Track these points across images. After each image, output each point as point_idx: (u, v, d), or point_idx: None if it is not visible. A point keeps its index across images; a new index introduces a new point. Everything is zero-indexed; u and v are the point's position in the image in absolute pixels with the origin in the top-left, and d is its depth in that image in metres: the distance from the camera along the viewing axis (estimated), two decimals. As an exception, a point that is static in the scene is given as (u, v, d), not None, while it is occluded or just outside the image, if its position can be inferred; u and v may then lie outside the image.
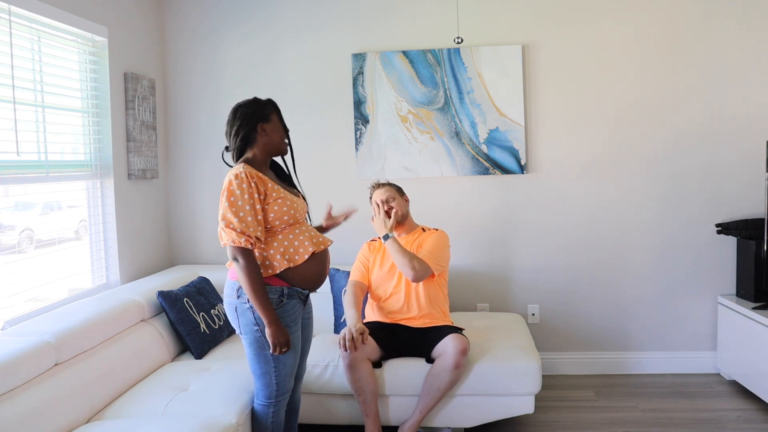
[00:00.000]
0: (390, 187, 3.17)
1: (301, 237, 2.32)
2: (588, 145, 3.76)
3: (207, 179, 3.97)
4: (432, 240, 3.08)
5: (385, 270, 3.09)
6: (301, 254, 2.30)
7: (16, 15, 2.69)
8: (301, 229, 2.34)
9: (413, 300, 3.03)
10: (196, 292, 3.27)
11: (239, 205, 2.18)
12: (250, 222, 2.18)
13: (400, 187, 3.22)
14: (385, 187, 3.16)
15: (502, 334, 3.20)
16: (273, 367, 2.33)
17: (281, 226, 2.29)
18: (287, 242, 2.29)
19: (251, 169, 2.25)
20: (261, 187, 2.23)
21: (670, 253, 3.76)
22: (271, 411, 2.40)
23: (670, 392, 3.52)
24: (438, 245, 3.07)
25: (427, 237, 3.11)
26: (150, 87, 3.69)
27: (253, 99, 2.39)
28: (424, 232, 3.17)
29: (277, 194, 2.27)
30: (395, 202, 3.11)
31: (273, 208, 2.25)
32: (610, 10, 3.70)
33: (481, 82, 3.73)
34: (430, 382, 2.82)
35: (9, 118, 2.64)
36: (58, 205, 3.20)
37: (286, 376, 2.36)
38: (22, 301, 2.78)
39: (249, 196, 2.18)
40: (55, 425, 2.20)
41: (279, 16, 3.87)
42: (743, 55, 3.64)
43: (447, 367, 2.77)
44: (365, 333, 2.78)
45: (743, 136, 3.66)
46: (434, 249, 3.04)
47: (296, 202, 2.34)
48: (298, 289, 2.34)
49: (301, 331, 2.44)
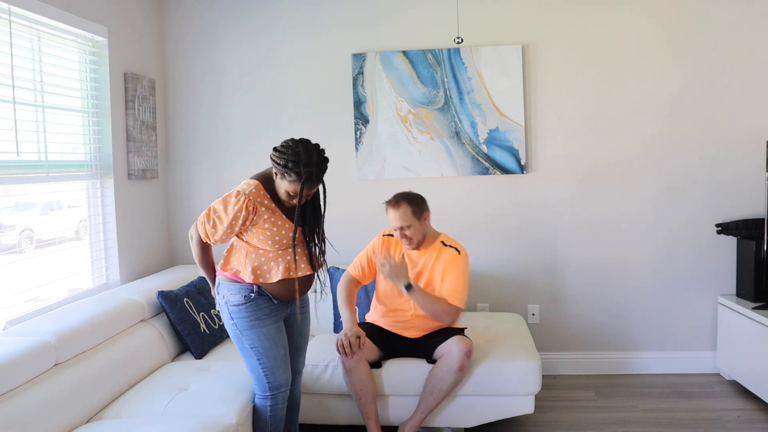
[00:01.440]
0: (406, 207, 2.76)
1: (280, 263, 2.37)
2: (588, 145, 3.76)
3: (207, 179, 3.97)
4: (453, 272, 2.81)
5: None
6: (271, 276, 2.37)
7: (16, 15, 2.69)
8: (284, 256, 2.37)
9: (420, 320, 2.93)
10: (196, 292, 3.27)
11: (221, 217, 2.31)
12: (219, 234, 2.33)
13: (420, 201, 2.82)
14: (401, 209, 2.76)
15: (502, 334, 3.20)
16: (257, 360, 2.40)
17: (262, 247, 2.36)
18: (263, 260, 2.37)
19: (258, 195, 2.31)
20: (254, 216, 2.31)
21: (670, 252, 3.76)
22: (269, 405, 2.44)
23: (670, 392, 3.52)
24: (460, 279, 2.81)
25: (448, 263, 2.83)
26: (150, 87, 3.69)
27: (298, 154, 2.23)
28: (444, 247, 2.88)
29: (270, 226, 2.33)
30: (411, 230, 2.78)
31: (258, 237, 2.34)
32: (609, 10, 3.70)
33: (481, 82, 3.73)
34: (432, 383, 2.81)
35: (9, 118, 2.64)
36: (58, 205, 3.20)
37: (274, 368, 2.41)
38: (22, 301, 2.78)
39: (233, 218, 2.29)
40: (55, 425, 2.20)
41: (279, 16, 3.87)
42: (743, 55, 3.64)
43: (450, 368, 2.76)
44: (362, 337, 2.76)
45: (743, 135, 3.66)
46: (457, 285, 2.79)
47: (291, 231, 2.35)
48: (270, 295, 2.41)
49: (292, 326, 2.56)
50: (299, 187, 2.25)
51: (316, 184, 2.30)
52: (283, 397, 2.46)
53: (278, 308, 2.45)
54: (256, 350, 2.39)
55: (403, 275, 2.76)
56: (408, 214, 2.77)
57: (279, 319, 2.45)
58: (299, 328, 2.60)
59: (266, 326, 2.39)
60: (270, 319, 2.40)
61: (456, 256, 2.85)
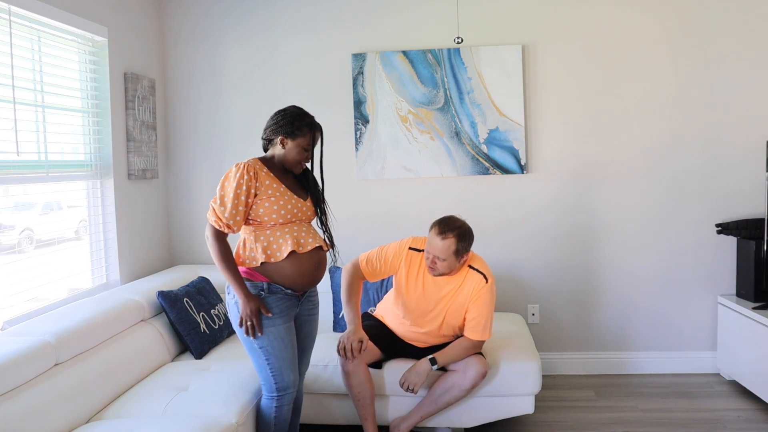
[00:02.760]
0: (452, 243, 2.59)
1: (287, 236, 2.36)
2: (588, 144, 3.76)
3: (207, 179, 3.96)
4: (479, 307, 2.70)
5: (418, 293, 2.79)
6: (282, 251, 2.35)
7: (16, 15, 2.69)
8: (292, 228, 2.38)
9: (433, 338, 2.88)
10: (196, 292, 3.27)
11: (226, 189, 2.33)
12: (228, 208, 2.30)
13: (468, 240, 2.65)
14: (446, 243, 2.59)
15: (501, 334, 3.20)
16: (265, 360, 2.38)
17: (270, 222, 2.35)
18: (273, 238, 2.36)
19: (256, 164, 2.37)
20: (256, 182, 2.33)
21: (670, 253, 3.76)
22: (275, 406, 2.42)
23: (670, 392, 3.52)
24: (485, 314, 2.70)
25: (474, 295, 2.70)
26: (150, 87, 3.69)
27: (298, 112, 2.43)
28: (470, 270, 2.74)
29: (273, 192, 2.35)
30: (443, 264, 2.63)
31: (264, 205, 2.34)
32: (610, 10, 3.70)
33: (481, 82, 3.73)
34: (438, 393, 2.79)
35: (9, 118, 2.64)
36: (58, 205, 3.20)
37: (282, 369, 2.38)
38: (22, 301, 2.78)
39: (237, 186, 2.30)
40: (55, 425, 2.20)
41: (279, 15, 3.87)
42: (744, 55, 3.64)
43: (462, 386, 2.74)
44: (365, 341, 2.74)
45: (743, 136, 3.66)
46: (481, 320, 2.70)
47: (297, 205, 2.40)
48: (282, 287, 2.38)
49: (301, 327, 2.53)
50: (311, 137, 2.40)
51: (319, 132, 2.45)
52: (290, 398, 2.44)
53: (289, 307, 2.41)
54: (264, 350, 2.37)
55: (424, 375, 2.72)
56: (450, 250, 2.62)
57: (289, 318, 2.42)
58: (307, 329, 2.57)
59: (276, 325, 2.37)
60: (280, 319, 2.38)
61: (482, 286, 2.71)
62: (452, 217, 2.71)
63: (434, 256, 2.64)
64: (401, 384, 2.74)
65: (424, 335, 2.87)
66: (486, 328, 2.75)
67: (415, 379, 2.72)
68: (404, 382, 2.73)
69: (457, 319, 2.79)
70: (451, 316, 2.79)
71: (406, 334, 2.91)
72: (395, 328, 2.94)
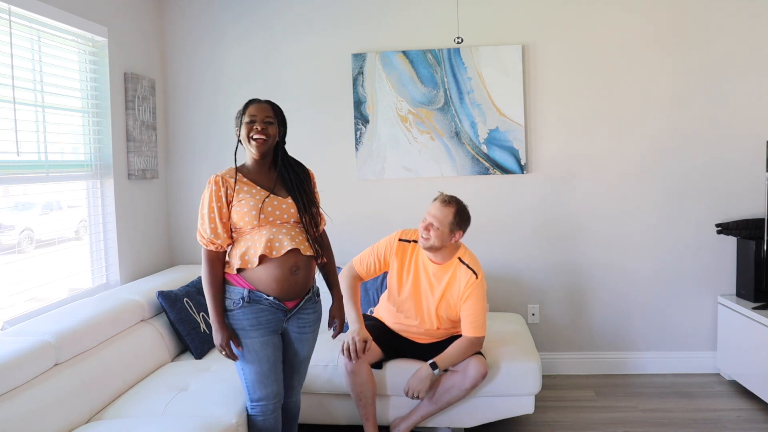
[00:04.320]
0: (451, 213, 2.71)
1: (263, 239, 2.26)
2: (588, 145, 3.76)
3: (207, 179, 3.92)
4: (473, 304, 2.75)
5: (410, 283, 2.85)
6: (252, 256, 2.27)
7: (16, 15, 2.69)
8: (270, 230, 2.28)
9: (432, 331, 2.90)
10: (196, 292, 3.27)
11: (203, 205, 2.33)
12: (207, 223, 2.30)
13: (465, 219, 2.76)
14: (445, 211, 2.71)
15: (502, 334, 3.20)
16: (240, 370, 2.36)
17: (247, 227, 2.29)
18: (251, 243, 2.29)
19: (227, 174, 2.35)
20: (226, 190, 2.32)
21: (670, 253, 3.76)
22: (253, 414, 2.38)
23: (670, 392, 3.52)
24: (479, 309, 2.76)
25: (465, 291, 2.75)
26: (150, 87, 3.69)
27: None
28: (460, 264, 2.79)
29: (244, 195, 2.30)
30: (436, 233, 2.71)
31: (236, 210, 2.30)
32: (609, 10, 3.70)
33: (481, 82, 3.73)
34: (439, 393, 2.80)
35: (9, 118, 2.64)
36: (58, 205, 3.20)
37: (253, 382, 2.33)
38: (22, 301, 2.78)
39: (209, 200, 2.31)
40: (55, 425, 2.20)
41: (279, 15, 3.87)
42: (743, 55, 3.64)
43: (462, 386, 2.75)
44: (369, 341, 2.75)
45: (743, 136, 3.66)
46: (477, 316, 2.75)
47: (273, 203, 2.30)
48: (263, 295, 2.29)
49: (289, 344, 2.42)
50: (251, 109, 2.32)
51: (262, 103, 2.35)
52: (266, 409, 2.36)
53: (270, 320, 2.31)
54: (238, 364, 2.34)
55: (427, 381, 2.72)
56: (447, 220, 2.72)
57: (268, 332, 2.31)
58: (296, 348, 2.43)
59: (250, 338, 2.29)
60: (256, 332, 2.28)
61: (473, 282, 2.76)
62: (457, 197, 2.82)
63: (430, 222, 2.73)
64: (406, 392, 2.75)
65: (422, 328, 2.89)
66: (483, 324, 2.79)
67: (418, 385, 2.72)
68: (408, 390, 2.74)
69: (451, 311, 2.83)
70: (443, 308, 2.82)
71: (404, 329, 2.93)
72: (393, 326, 2.96)
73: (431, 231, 2.73)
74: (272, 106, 2.39)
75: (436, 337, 2.92)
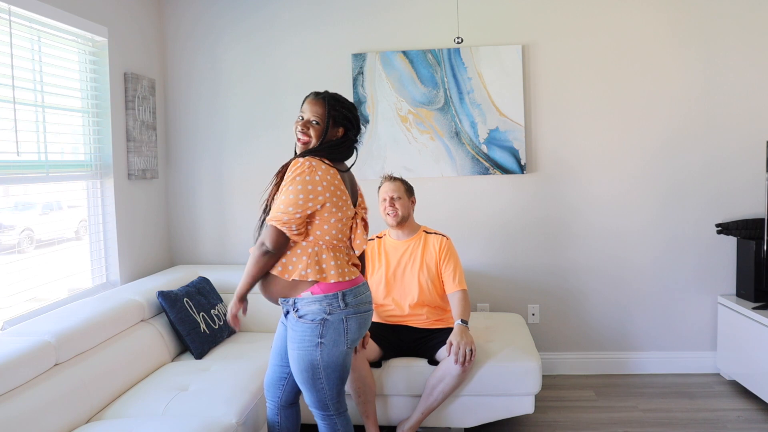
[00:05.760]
0: (401, 184, 3.04)
1: None
2: (588, 145, 3.76)
3: (207, 179, 3.96)
4: (452, 260, 3.00)
5: (386, 269, 3.04)
6: None
7: (16, 15, 2.69)
8: None
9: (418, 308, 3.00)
10: (196, 292, 3.27)
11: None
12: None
13: (411, 187, 3.10)
14: (396, 183, 3.03)
15: (502, 334, 3.20)
16: None
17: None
18: None
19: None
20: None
21: (670, 253, 3.76)
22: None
23: (670, 392, 3.52)
24: (458, 264, 3.02)
25: (442, 251, 3.00)
26: (150, 87, 3.69)
27: None
28: (428, 234, 3.07)
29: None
30: (399, 202, 2.99)
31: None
32: (610, 10, 3.70)
33: (481, 82, 3.73)
34: (433, 385, 2.81)
35: (9, 118, 2.64)
36: (58, 205, 3.20)
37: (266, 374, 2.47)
38: (22, 301, 2.78)
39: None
40: (55, 425, 2.20)
41: (278, 15, 3.87)
42: (743, 55, 3.64)
43: (453, 371, 2.76)
44: (367, 337, 2.78)
45: (743, 136, 3.66)
46: (459, 270, 3.00)
47: None
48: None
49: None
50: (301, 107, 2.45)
51: (314, 96, 2.47)
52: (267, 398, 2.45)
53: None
54: None
55: (467, 334, 2.79)
56: (402, 189, 3.01)
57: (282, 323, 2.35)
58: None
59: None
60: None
61: (445, 243, 3.03)
62: None
63: (391, 195, 2.99)
64: (455, 358, 2.71)
65: (404, 304, 2.99)
66: (460, 274, 2.99)
67: (462, 340, 2.73)
68: (459, 349, 2.71)
69: (432, 274, 2.99)
70: (424, 276, 2.99)
71: (398, 315, 3.01)
72: (387, 320, 3.03)
73: (396, 203, 2.98)
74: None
75: (424, 315, 2.99)
